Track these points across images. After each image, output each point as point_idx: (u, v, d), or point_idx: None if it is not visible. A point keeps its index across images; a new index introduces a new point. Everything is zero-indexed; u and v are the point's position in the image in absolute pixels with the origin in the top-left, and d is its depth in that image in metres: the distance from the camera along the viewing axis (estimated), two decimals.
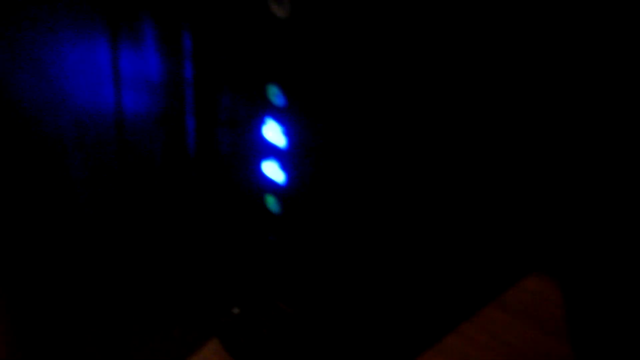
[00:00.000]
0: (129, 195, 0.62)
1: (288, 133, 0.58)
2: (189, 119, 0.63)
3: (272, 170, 0.60)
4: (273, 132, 0.59)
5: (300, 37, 0.54)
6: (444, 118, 0.55)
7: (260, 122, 0.59)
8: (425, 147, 0.56)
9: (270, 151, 0.60)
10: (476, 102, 0.55)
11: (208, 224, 0.66)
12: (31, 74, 0.55)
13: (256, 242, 0.64)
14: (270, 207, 0.61)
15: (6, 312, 0.60)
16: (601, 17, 0.52)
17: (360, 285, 0.61)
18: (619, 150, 0.55)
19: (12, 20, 0.53)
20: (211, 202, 0.65)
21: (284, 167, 0.59)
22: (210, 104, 0.62)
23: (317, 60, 0.54)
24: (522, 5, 0.51)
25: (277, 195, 0.61)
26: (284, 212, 0.61)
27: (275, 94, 0.57)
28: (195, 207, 0.66)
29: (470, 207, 0.60)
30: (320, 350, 0.63)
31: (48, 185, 0.58)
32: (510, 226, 0.61)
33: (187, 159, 0.64)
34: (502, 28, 0.53)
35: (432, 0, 0.51)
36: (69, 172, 0.59)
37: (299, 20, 0.53)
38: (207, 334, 0.70)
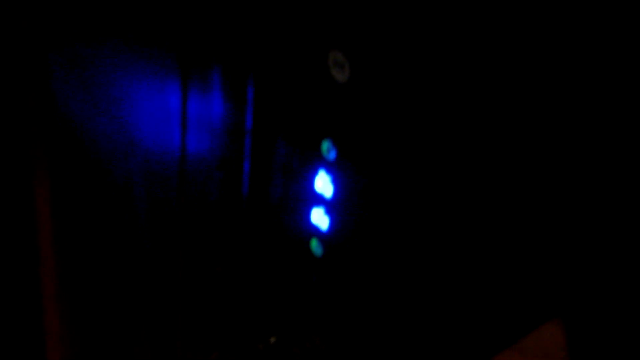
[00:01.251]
0: (186, 229, 0.68)
1: (336, 184, 0.64)
2: (245, 164, 0.69)
3: (318, 216, 0.66)
4: (322, 182, 0.65)
5: (356, 100, 0.60)
6: (483, 180, 0.60)
7: (312, 173, 0.65)
8: (458, 205, 0.62)
9: (318, 199, 0.65)
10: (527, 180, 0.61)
11: (255, 260, 0.72)
12: (106, 117, 0.60)
13: (298, 281, 0.70)
14: (314, 250, 0.67)
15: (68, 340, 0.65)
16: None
17: (391, 326, 0.66)
18: None
19: (89, 63, 0.58)
20: (260, 240, 0.71)
21: (329, 214, 0.65)
22: (266, 152, 0.68)
23: (370, 121, 0.60)
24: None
25: (321, 239, 0.66)
26: (326, 255, 0.66)
27: (328, 149, 0.63)
28: (245, 243, 0.71)
29: (495, 255, 0.65)
30: None
31: (115, 224, 0.63)
32: (532, 271, 0.66)
33: (241, 200, 0.70)
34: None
35: (479, 74, 0.57)
36: (135, 212, 0.64)
37: (357, 85, 0.60)
38: None
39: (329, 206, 0.65)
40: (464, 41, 0.56)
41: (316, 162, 0.64)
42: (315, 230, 0.66)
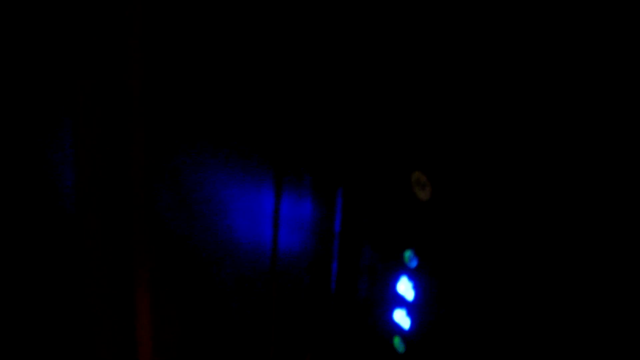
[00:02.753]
0: (278, 326, 0.75)
1: (417, 289, 0.70)
2: (333, 265, 0.75)
3: (400, 316, 0.72)
4: (404, 287, 0.71)
5: (438, 216, 0.66)
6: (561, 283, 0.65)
7: (394, 277, 0.71)
8: (532, 303, 0.67)
9: (400, 301, 0.72)
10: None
11: (341, 353, 0.78)
12: (203, 227, 0.67)
13: None
14: (396, 347, 0.73)
15: None
16: None
17: None
18: None
19: (188, 180, 0.65)
20: (346, 337, 0.78)
21: (410, 315, 0.71)
22: (353, 255, 0.75)
23: (451, 234, 0.66)
24: None
25: (403, 337, 0.72)
26: (408, 352, 0.72)
27: (410, 257, 0.69)
28: (332, 339, 0.78)
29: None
30: None
31: (210, 324, 0.70)
32: None
33: (329, 299, 0.76)
34: None
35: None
36: (229, 312, 0.71)
37: (438, 203, 0.66)
38: None
39: (411, 308, 0.71)
40: (531, 164, 0.62)
41: (399, 268, 0.71)
42: (398, 329, 0.73)
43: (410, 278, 0.70)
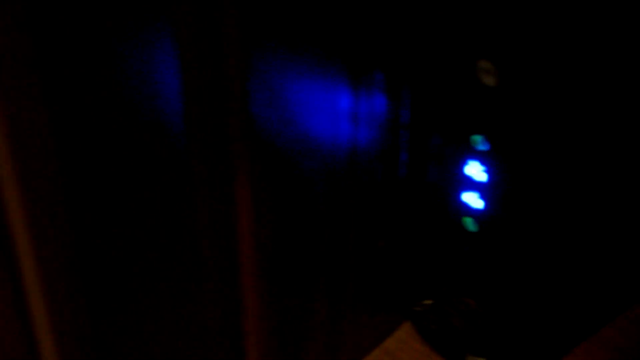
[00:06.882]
0: (356, 211, 0.79)
1: (488, 172, 0.73)
2: (403, 154, 0.79)
3: (472, 198, 0.76)
4: (475, 170, 0.74)
5: (504, 101, 0.69)
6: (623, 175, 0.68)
7: (464, 161, 0.75)
8: (597, 195, 0.70)
9: (471, 184, 0.75)
10: None
11: (413, 235, 0.83)
12: (289, 127, 0.70)
13: (453, 251, 0.80)
14: (467, 226, 0.77)
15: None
16: None
17: (535, 292, 0.77)
18: None
19: (277, 83, 0.67)
20: (417, 219, 0.82)
21: (483, 197, 0.75)
22: (421, 144, 0.78)
23: (518, 118, 0.69)
24: None
25: (475, 217, 0.76)
26: (480, 231, 0.76)
27: (479, 142, 0.73)
28: (404, 222, 0.82)
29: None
30: (498, 341, 0.80)
31: (301, 212, 0.74)
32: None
33: (399, 184, 0.80)
34: None
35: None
36: (315, 201, 0.75)
37: (505, 88, 0.68)
38: (403, 319, 0.87)
39: (483, 190, 0.75)
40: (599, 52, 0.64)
41: (467, 152, 0.74)
42: (469, 210, 0.76)
43: (481, 161, 0.74)
